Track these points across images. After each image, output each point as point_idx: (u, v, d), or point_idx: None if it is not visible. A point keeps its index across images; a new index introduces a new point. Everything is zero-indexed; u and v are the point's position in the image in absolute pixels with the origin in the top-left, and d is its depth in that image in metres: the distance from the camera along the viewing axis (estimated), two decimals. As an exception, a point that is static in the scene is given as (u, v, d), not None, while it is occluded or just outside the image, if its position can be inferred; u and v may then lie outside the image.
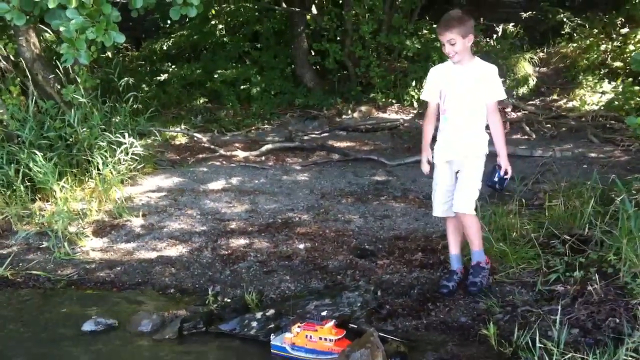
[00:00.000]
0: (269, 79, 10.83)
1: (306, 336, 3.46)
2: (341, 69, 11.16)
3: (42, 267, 4.89)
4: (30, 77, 6.71)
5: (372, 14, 10.67)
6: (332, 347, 3.40)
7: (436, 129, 4.11)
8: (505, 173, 3.92)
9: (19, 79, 6.72)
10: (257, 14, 12.02)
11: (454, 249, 4.18)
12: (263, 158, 7.95)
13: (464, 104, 3.94)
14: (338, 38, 10.98)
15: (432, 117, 4.11)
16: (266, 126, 9.67)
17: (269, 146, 8.23)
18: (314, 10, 11.05)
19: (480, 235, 4.08)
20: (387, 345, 3.40)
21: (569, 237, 4.31)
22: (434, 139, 4.13)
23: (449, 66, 4.00)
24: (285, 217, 5.71)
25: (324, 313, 3.70)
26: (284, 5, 11.16)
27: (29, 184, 5.95)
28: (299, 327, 3.52)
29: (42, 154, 5.95)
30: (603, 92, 9.59)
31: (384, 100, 10.38)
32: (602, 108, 9.02)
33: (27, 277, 4.74)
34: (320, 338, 3.42)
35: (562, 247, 4.28)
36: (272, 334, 3.62)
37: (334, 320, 3.54)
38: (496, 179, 3.93)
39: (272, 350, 3.57)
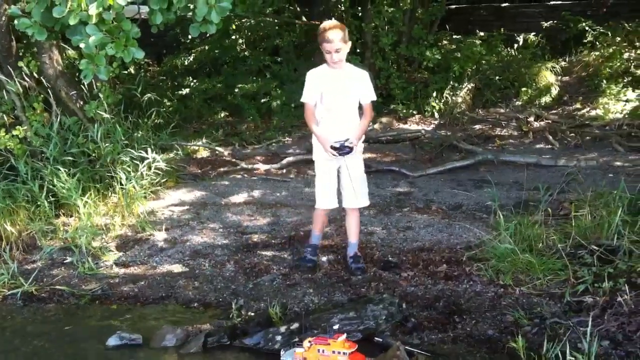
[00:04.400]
0: (290, 92, 10.83)
1: (318, 350, 3.39)
2: (361, 81, 11.14)
3: (67, 282, 4.91)
4: (53, 94, 6.75)
5: (391, 26, 10.68)
6: None
7: None
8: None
9: (42, 96, 6.77)
10: (277, 27, 12.07)
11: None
12: (284, 171, 7.96)
13: None
14: (358, 50, 10.98)
15: None
16: (287, 139, 9.67)
17: (290, 159, 8.24)
18: (333, 23, 11.05)
19: None
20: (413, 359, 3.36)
21: (596, 247, 4.24)
22: None
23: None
24: (308, 229, 5.67)
25: (335, 327, 3.66)
26: (303, 18, 11.19)
27: (52, 199, 5.97)
28: (309, 341, 3.44)
29: (65, 169, 5.99)
30: (627, 100, 9.50)
31: (404, 111, 10.37)
32: (627, 116, 8.92)
33: (52, 293, 4.75)
34: (334, 352, 3.35)
35: (590, 257, 4.21)
36: (282, 350, 3.56)
37: (345, 334, 3.49)
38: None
39: None
